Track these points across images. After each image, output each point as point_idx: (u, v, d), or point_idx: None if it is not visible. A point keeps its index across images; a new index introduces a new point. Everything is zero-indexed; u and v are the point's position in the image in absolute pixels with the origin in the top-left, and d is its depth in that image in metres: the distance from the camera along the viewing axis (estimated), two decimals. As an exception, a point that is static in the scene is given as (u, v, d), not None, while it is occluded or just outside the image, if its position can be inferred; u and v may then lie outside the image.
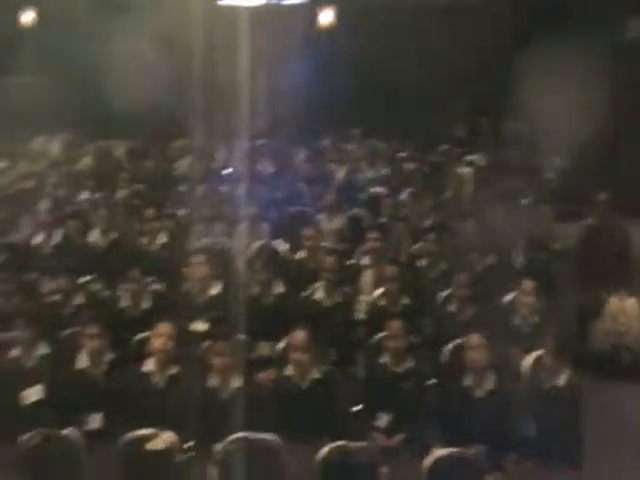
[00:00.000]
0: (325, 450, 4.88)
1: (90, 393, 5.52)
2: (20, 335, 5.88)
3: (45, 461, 4.95)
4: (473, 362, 5.46)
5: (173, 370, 5.56)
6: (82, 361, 5.71)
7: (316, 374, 5.56)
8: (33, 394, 5.57)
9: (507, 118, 12.98)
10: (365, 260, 7.90)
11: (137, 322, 6.54)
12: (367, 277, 7.61)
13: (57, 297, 6.88)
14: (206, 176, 11.02)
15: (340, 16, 15.45)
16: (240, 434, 4.97)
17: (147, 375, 5.53)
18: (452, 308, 6.83)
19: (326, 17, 15.58)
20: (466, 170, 12.01)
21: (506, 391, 5.50)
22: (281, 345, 6.23)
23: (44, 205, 8.62)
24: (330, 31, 15.92)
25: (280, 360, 6.01)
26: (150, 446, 4.99)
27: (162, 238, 8.29)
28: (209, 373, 5.50)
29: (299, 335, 5.58)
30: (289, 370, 5.59)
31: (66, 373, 5.70)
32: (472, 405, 5.39)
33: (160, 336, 5.57)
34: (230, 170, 11.87)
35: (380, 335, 6.21)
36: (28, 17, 15.20)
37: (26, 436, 5.09)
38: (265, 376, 6.05)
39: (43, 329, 5.99)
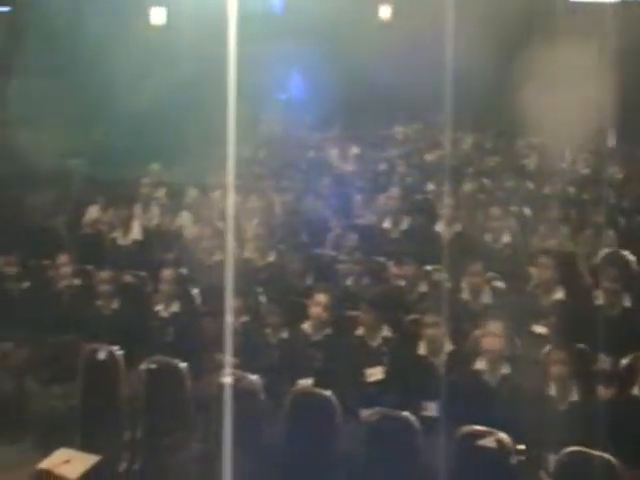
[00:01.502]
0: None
1: (428, 380, 5.64)
2: (366, 315, 6.15)
3: (382, 438, 5.15)
4: None
5: (505, 370, 5.55)
6: (422, 348, 5.88)
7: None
8: (375, 373, 5.83)
9: None
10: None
11: (477, 316, 6.57)
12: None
13: (402, 282, 7.12)
14: (553, 176, 10.81)
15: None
16: (576, 448, 4.83)
17: (479, 373, 5.57)
18: None
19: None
20: None
21: None
22: (625, 361, 5.95)
23: (394, 191, 8.93)
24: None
25: (623, 377, 5.76)
26: (482, 443, 5.01)
27: (506, 237, 8.25)
28: (547, 380, 5.41)
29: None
30: (635, 390, 5.33)
31: (407, 358, 5.89)
32: None
33: (490, 336, 5.56)
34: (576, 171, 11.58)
35: None
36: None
37: (366, 412, 5.36)
38: (606, 393, 5.82)
39: (387, 312, 6.23)
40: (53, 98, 12.32)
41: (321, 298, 6.15)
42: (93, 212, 9.57)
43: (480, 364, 5.57)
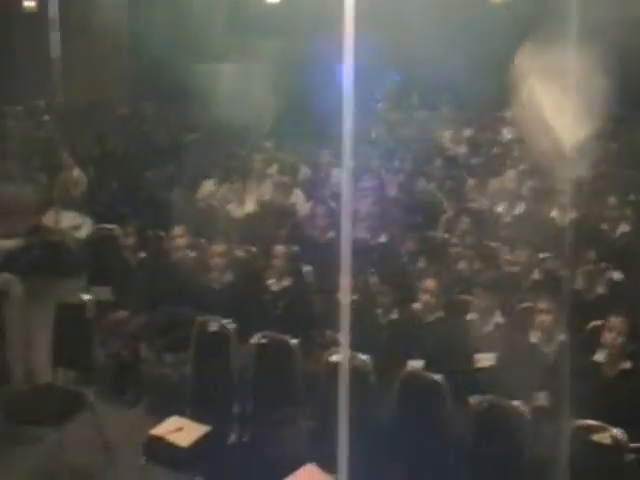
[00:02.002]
0: None
1: (539, 369, 5.53)
2: (478, 300, 6.08)
3: (491, 427, 5.09)
4: None
5: (625, 365, 5.40)
6: (534, 336, 5.78)
7: None
8: (485, 359, 5.76)
9: None
10: None
11: (591, 307, 6.43)
12: None
13: (515, 269, 7.00)
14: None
15: None
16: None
17: (598, 365, 5.43)
18: None
19: None
20: None
21: None
22: None
23: (511, 175, 8.78)
24: None
25: None
26: (596, 438, 4.90)
27: (623, 226, 8.02)
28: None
29: None
30: None
31: (518, 345, 5.79)
32: None
33: (611, 330, 5.42)
34: None
35: None
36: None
37: (475, 399, 5.30)
38: None
39: (500, 298, 6.13)
40: (170, 75, 12.58)
41: (430, 284, 6.11)
42: (207, 186, 9.75)
43: (599, 356, 5.44)
